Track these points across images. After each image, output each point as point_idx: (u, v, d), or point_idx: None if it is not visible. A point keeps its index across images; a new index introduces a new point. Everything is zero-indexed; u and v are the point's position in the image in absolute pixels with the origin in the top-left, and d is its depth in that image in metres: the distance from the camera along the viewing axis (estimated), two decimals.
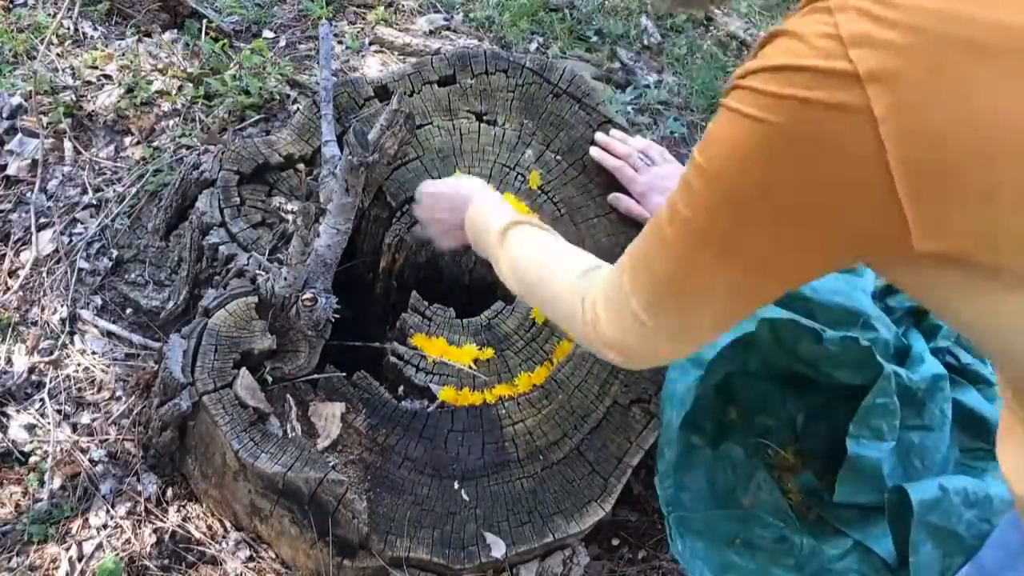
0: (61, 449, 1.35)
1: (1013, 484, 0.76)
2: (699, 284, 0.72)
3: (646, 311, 0.78)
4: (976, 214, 0.57)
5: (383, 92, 1.54)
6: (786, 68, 0.59)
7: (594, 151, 1.48)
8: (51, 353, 1.45)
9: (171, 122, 1.78)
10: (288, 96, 1.86)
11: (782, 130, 0.60)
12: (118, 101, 1.79)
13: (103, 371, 1.44)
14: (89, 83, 1.83)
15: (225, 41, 1.90)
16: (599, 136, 1.50)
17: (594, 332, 0.85)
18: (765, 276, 0.70)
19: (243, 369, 1.22)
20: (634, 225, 1.43)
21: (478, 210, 1.16)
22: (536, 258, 1.01)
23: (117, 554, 1.25)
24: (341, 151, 1.38)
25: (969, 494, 1.22)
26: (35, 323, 1.49)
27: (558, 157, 1.49)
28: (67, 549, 1.26)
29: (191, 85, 1.83)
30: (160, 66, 1.87)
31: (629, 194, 1.44)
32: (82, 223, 1.62)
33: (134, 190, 1.65)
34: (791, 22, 0.61)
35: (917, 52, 0.55)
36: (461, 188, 1.24)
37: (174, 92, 1.82)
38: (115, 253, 1.57)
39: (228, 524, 1.31)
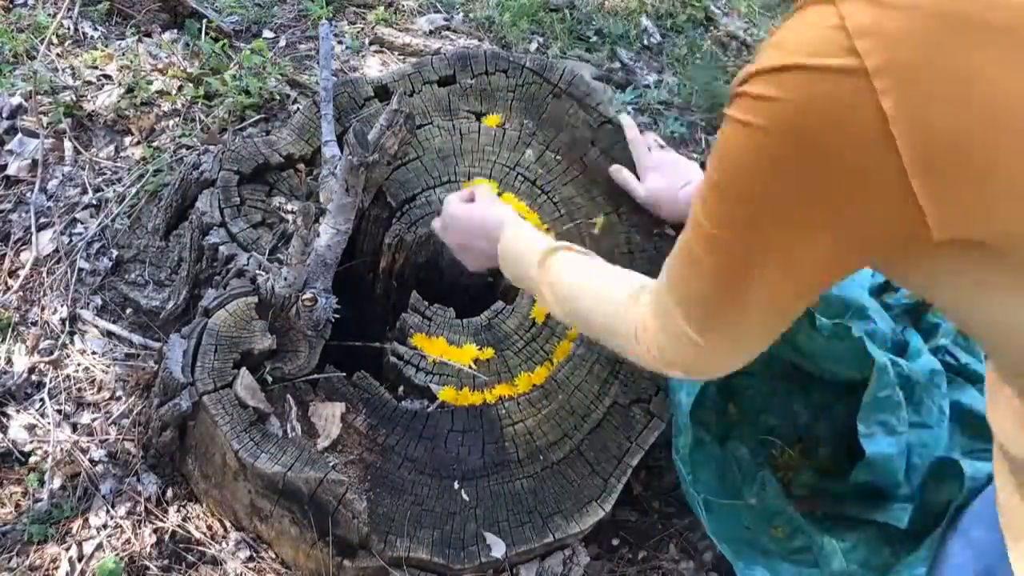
0: (61, 449, 1.35)
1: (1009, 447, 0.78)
2: (734, 297, 0.73)
3: (696, 330, 0.79)
4: (996, 200, 0.56)
5: (383, 92, 1.54)
6: (784, 68, 0.58)
7: (624, 117, 1.51)
8: (51, 353, 1.45)
9: (171, 122, 1.78)
10: (288, 96, 1.86)
11: (784, 135, 0.60)
12: (118, 101, 1.79)
13: (103, 371, 1.44)
14: (89, 83, 1.83)
15: (225, 41, 1.90)
16: (624, 118, 1.52)
17: (652, 355, 0.86)
18: (792, 281, 0.70)
19: (243, 369, 1.22)
20: (632, 224, 1.43)
21: (513, 238, 1.15)
22: (581, 285, 1.01)
23: (117, 554, 1.25)
24: (341, 151, 1.38)
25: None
26: (35, 323, 1.49)
27: (558, 157, 1.49)
28: (67, 549, 1.26)
29: (191, 85, 1.83)
30: (160, 66, 1.88)
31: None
32: (82, 223, 1.62)
33: (134, 190, 1.65)
34: (791, 20, 0.60)
35: (921, 39, 0.54)
36: (490, 215, 1.21)
37: (174, 92, 1.82)
38: (115, 253, 1.57)
39: (228, 524, 1.31)
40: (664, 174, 1.41)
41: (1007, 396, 0.76)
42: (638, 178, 1.44)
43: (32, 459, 1.34)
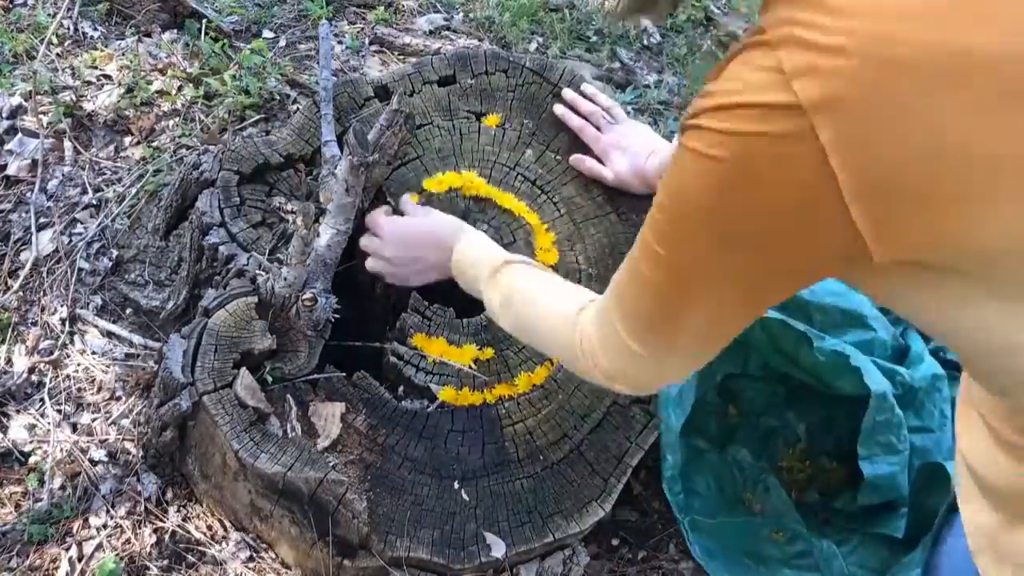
0: (61, 449, 1.35)
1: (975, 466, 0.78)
2: (681, 315, 0.75)
3: (638, 343, 0.80)
4: (936, 227, 0.58)
5: (383, 92, 1.53)
6: (731, 106, 0.62)
7: (558, 108, 1.50)
8: (51, 353, 1.45)
9: (171, 122, 1.78)
10: (288, 96, 1.85)
11: (733, 165, 0.62)
12: (118, 101, 1.78)
13: (103, 371, 1.44)
14: (89, 83, 1.83)
15: (225, 41, 1.90)
16: (566, 93, 1.51)
17: (595, 367, 0.88)
18: (740, 303, 0.73)
19: (243, 369, 1.22)
20: (633, 225, 1.43)
21: (469, 246, 1.19)
22: (533, 296, 1.03)
23: (117, 554, 1.25)
24: (341, 151, 1.37)
25: None
26: (35, 323, 1.49)
27: (558, 157, 1.49)
28: (67, 549, 1.26)
29: (191, 85, 1.83)
30: (160, 66, 1.87)
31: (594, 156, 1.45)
32: (82, 223, 1.62)
33: (134, 190, 1.65)
34: (738, 59, 0.63)
35: (858, 77, 0.56)
36: (445, 223, 1.27)
37: (174, 92, 1.82)
38: (115, 253, 1.57)
39: (228, 524, 1.31)
40: (625, 151, 1.41)
41: (977, 403, 0.76)
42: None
43: (32, 459, 1.34)
